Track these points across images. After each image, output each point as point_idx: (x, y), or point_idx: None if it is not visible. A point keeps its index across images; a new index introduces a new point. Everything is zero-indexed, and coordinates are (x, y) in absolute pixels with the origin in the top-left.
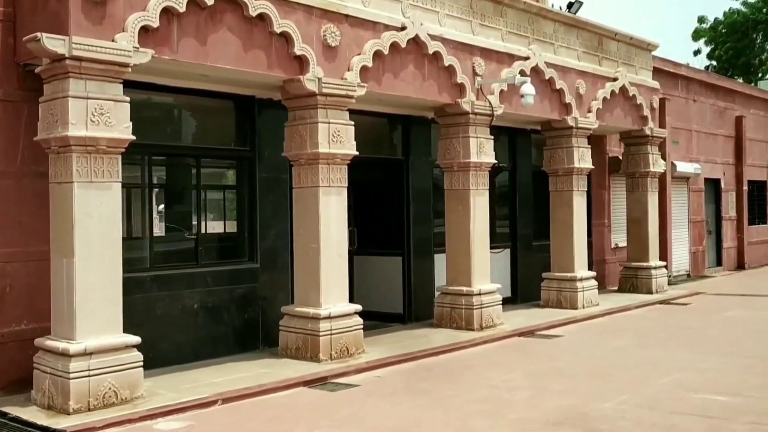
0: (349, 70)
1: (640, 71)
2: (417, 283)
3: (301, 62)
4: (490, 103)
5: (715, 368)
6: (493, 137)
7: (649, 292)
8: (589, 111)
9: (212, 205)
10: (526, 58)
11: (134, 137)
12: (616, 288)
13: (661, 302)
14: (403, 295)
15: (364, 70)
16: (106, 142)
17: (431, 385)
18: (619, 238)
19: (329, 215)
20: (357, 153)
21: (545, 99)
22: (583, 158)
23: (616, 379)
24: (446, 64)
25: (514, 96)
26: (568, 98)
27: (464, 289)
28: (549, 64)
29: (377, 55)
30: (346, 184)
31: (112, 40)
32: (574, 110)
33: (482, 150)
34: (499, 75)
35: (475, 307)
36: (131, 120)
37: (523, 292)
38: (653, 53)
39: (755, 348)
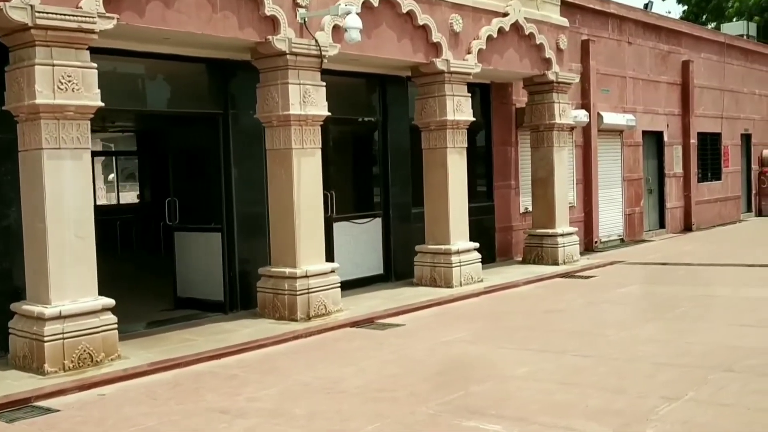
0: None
1: (543, 5)
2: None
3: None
4: (316, 41)
5: (532, 372)
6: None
7: (555, 263)
8: (469, 52)
9: None
10: None
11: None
12: (521, 259)
13: (563, 275)
14: None
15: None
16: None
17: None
18: (529, 201)
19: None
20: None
21: (405, 38)
22: (459, 109)
23: (385, 399)
24: None
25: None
26: (436, 37)
27: (287, 270)
28: None
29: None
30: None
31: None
32: (445, 51)
33: (307, 101)
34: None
35: (299, 292)
36: None
37: (399, 267)
38: None
39: (599, 344)
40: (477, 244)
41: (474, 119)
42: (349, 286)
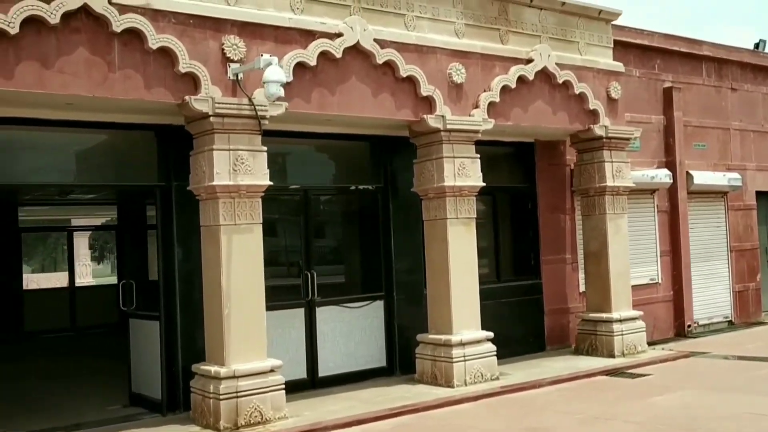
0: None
1: (588, 49)
2: None
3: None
4: (250, 101)
5: None
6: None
7: (611, 354)
8: (476, 106)
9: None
10: (337, 35)
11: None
12: (574, 348)
13: (608, 372)
14: None
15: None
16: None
17: None
18: None
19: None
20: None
21: (384, 92)
22: (463, 173)
23: None
24: None
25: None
26: (427, 90)
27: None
28: (389, 43)
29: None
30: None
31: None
32: (440, 106)
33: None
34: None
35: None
36: None
37: (404, 359)
38: (615, 23)
39: None
40: (490, 334)
41: (484, 184)
42: (336, 381)
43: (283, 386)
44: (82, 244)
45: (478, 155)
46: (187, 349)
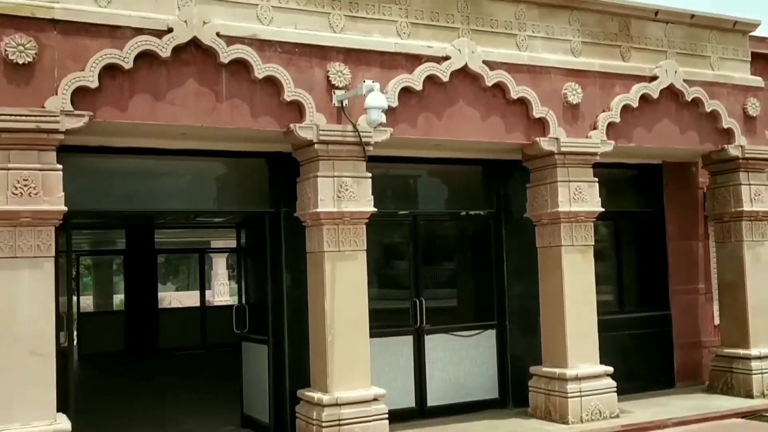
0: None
1: (721, 63)
2: None
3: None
4: (354, 127)
5: None
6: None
7: (749, 395)
8: (594, 128)
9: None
10: (444, 58)
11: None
12: (707, 385)
13: (745, 415)
14: None
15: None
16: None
17: None
18: None
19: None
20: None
21: (494, 115)
22: (579, 198)
23: None
24: None
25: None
26: (539, 111)
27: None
28: (499, 64)
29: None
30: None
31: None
32: (554, 128)
33: None
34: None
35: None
36: None
37: (518, 391)
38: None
39: None
40: (609, 368)
41: (602, 209)
42: (445, 412)
43: (387, 415)
44: (220, 264)
45: (596, 179)
46: (295, 374)
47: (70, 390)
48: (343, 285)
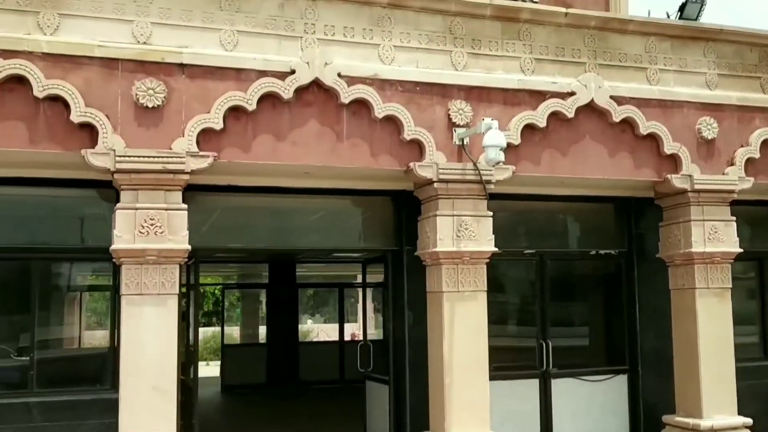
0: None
1: None
2: None
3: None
4: (475, 165)
5: None
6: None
7: None
8: (731, 163)
9: None
10: (569, 94)
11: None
12: None
13: None
14: None
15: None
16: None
17: None
18: None
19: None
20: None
21: (622, 151)
22: (715, 237)
23: None
24: None
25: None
26: (671, 147)
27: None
28: (627, 99)
29: None
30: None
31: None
32: (687, 165)
33: None
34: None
35: None
36: None
37: None
38: None
39: None
40: (748, 420)
41: (741, 250)
42: None
43: None
44: (368, 298)
45: (734, 217)
46: (415, 416)
47: (194, 425)
48: (462, 326)
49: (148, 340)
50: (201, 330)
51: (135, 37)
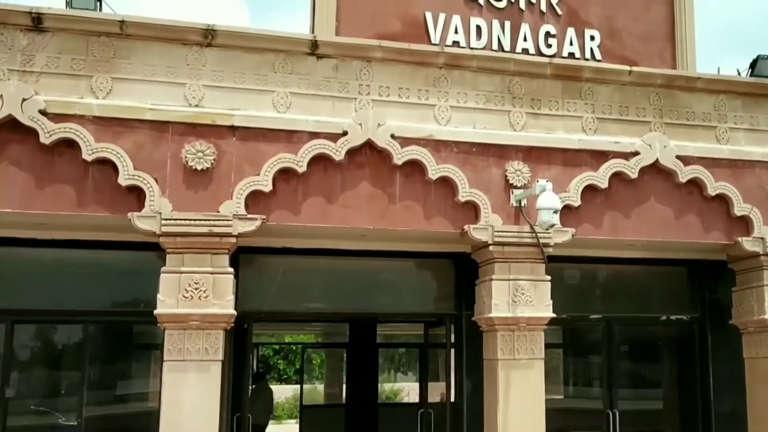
0: None
1: None
2: None
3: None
4: (532, 228)
5: None
6: None
7: None
8: None
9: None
10: (632, 154)
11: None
12: None
13: None
14: None
15: None
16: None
17: None
18: None
19: None
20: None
21: (689, 213)
22: None
23: None
24: None
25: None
26: (742, 209)
27: None
28: (694, 159)
29: None
30: None
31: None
32: (758, 227)
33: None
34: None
35: None
36: None
37: None
38: None
39: None
40: None
41: None
42: None
43: None
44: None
45: None
46: None
47: None
48: (517, 395)
49: (188, 407)
50: (289, 387)
51: (187, 99)
